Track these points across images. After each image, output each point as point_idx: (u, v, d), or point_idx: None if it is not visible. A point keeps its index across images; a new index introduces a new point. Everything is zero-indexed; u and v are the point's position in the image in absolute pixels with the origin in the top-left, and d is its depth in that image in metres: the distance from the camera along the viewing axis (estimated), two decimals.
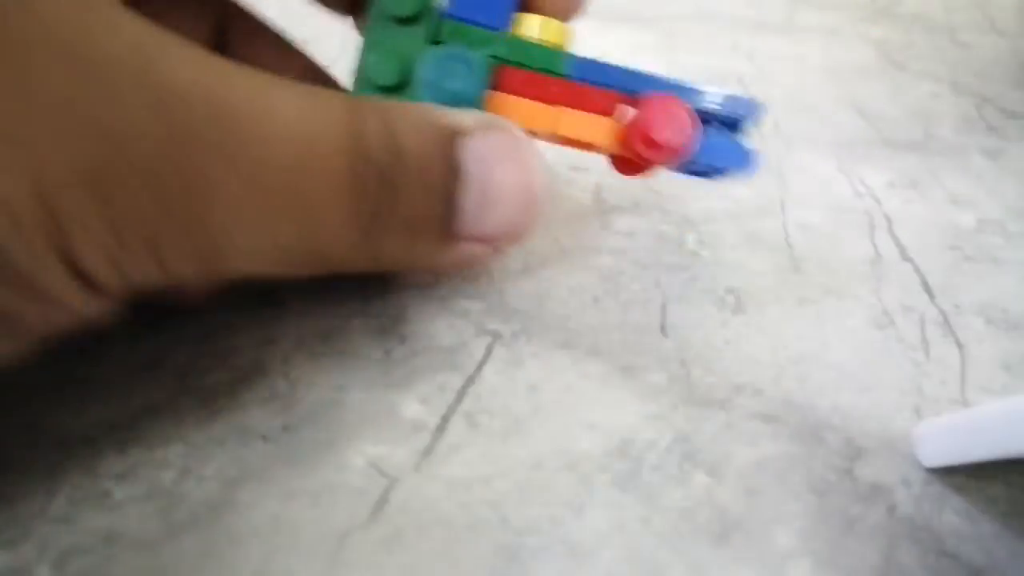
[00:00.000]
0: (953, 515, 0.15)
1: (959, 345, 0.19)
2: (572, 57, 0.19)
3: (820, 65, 0.34)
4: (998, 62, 0.35)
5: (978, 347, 0.19)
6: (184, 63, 0.13)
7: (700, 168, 0.20)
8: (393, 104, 0.16)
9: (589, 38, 0.36)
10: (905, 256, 0.22)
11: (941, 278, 0.21)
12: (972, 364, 0.18)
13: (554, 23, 0.19)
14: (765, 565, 0.14)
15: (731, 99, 0.20)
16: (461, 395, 0.17)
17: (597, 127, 0.20)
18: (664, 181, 0.25)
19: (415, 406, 0.17)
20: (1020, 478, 0.16)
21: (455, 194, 0.17)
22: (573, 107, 0.19)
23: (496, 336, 0.19)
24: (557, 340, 0.19)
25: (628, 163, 0.21)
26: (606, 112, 0.19)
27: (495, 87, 0.19)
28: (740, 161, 0.20)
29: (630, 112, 0.20)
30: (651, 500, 0.15)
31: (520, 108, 0.19)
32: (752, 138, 0.21)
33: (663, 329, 0.19)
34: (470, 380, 0.17)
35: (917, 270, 0.21)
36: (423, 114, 0.17)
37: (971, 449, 0.15)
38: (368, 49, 0.19)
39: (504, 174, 0.17)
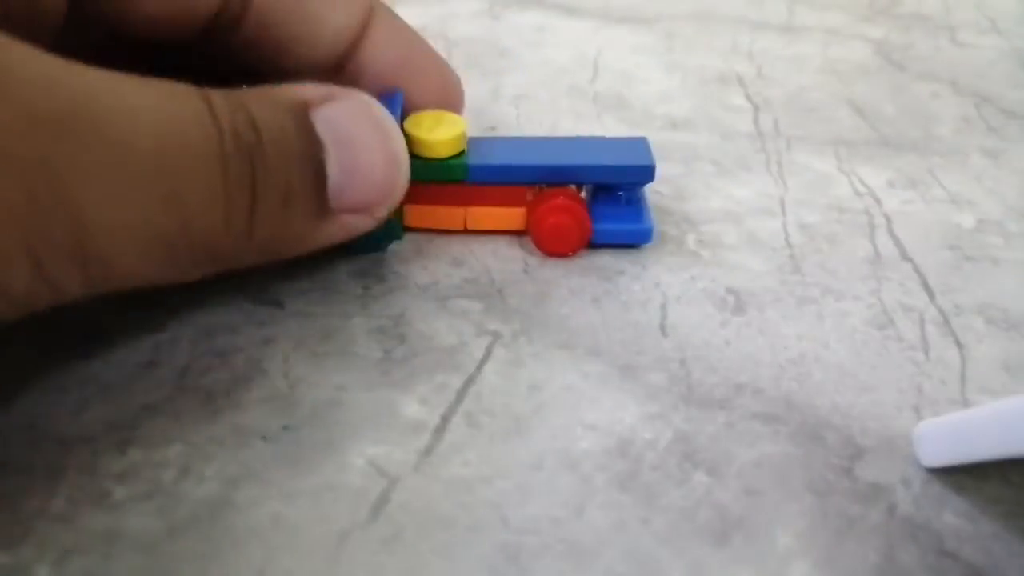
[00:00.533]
0: (953, 515, 0.15)
1: (959, 345, 0.19)
2: (470, 167, 0.21)
3: (820, 65, 0.34)
4: (998, 62, 0.35)
5: (978, 347, 0.19)
6: (33, 58, 0.13)
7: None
8: (240, 89, 0.16)
9: (590, 37, 0.36)
10: (905, 256, 0.22)
11: (941, 278, 0.21)
12: (972, 364, 0.18)
13: (444, 122, 0.21)
14: (765, 565, 0.14)
15: (625, 170, 0.21)
16: (461, 395, 0.17)
17: (505, 219, 0.22)
18: (664, 182, 0.25)
19: (415, 406, 0.17)
20: (1020, 478, 0.16)
21: (323, 162, 0.17)
22: (480, 204, 0.21)
23: (496, 336, 0.19)
24: (557, 340, 0.19)
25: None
26: (513, 203, 0.22)
27: (406, 201, 0.21)
28: (632, 239, 0.22)
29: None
30: (651, 500, 0.15)
31: (432, 215, 0.22)
32: (651, 210, 0.22)
33: (663, 329, 0.19)
34: (470, 380, 0.17)
35: (917, 270, 0.21)
36: (270, 92, 0.17)
37: (971, 449, 0.15)
38: None
39: (359, 136, 0.17)
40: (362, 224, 0.18)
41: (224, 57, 0.20)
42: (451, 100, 0.23)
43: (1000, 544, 0.14)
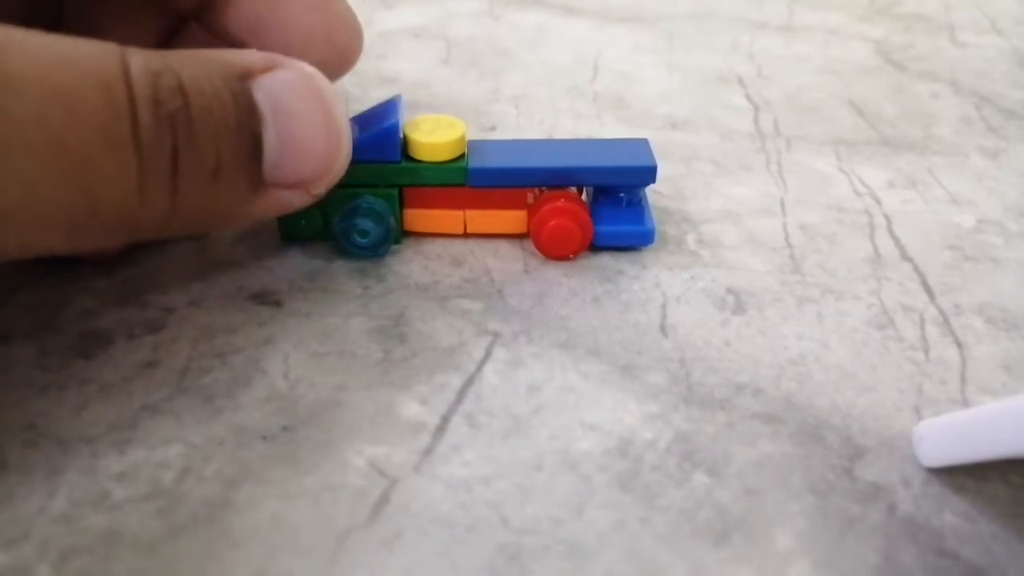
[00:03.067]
0: (953, 515, 0.15)
1: (959, 345, 0.19)
2: (470, 170, 0.21)
3: (820, 65, 0.34)
4: (998, 62, 0.35)
5: (978, 347, 0.19)
6: None
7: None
8: (168, 51, 0.15)
9: (590, 37, 0.36)
10: (905, 256, 0.22)
11: (941, 278, 0.21)
12: (972, 364, 0.18)
13: (443, 125, 0.21)
14: (765, 565, 0.14)
15: (626, 171, 0.21)
16: (461, 395, 0.17)
17: (506, 222, 0.22)
18: (664, 182, 0.25)
19: (415, 406, 0.17)
20: (1020, 478, 0.16)
21: (260, 134, 0.16)
22: (480, 207, 0.21)
23: (496, 336, 0.19)
24: (557, 340, 0.19)
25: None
26: (514, 206, 0.21)
27: (407, 205, 0.21)
28: (633, 241, 0.22)
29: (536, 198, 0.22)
30: (651, 500, 0.15)
31: (432, 219, 0.22)
32: (653, 210, 0.22)
33: (663, 329, 0.19)
34: (470, 380, 0.17)
35: (917, 270, 0.21)
36: (208, 55, 0.16)
37: (971, 449, 0.15)
38: None
39: (300, 109, 0.16)
40: (297, 200, 0.17)
41: None
42: (337, 36, 0.21)
43: (1000, 544, 0.14)
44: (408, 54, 0.34)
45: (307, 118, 0.17)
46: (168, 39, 0.22)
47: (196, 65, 0.15)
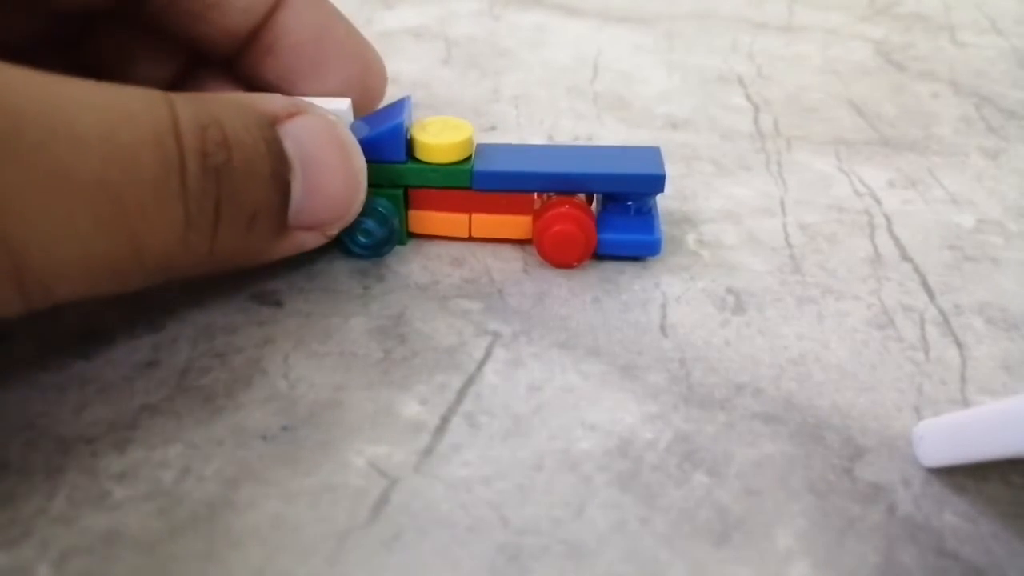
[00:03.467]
0: (953, 515, 0.15)
1: (959, 345, 0.19)
2: (475, 173, 0.21)
3: (820, 65, 0.34)
4: (998, 62, 0.35)
5: (978, 347, 0.19)
6: None
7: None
8: (208, 97, 0.15)
9: (590, 37, 0.36)
10: (905, 256, 0.22)
11: (941, 278, 0.21)
12: (972, 364, 0.18)
13: (450, 127, 0.21)
14: (765, 565, 0.14)
15: (633, 179, 0.21)
16: (461, 395, 0.17)
17: (511, 227, 0.21)
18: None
19: (415, 406, 0.17)
20: (1020, 478, 0.16)
21: (289, 182, 0.16)
22: (486, 211, 0.21)
23: (496, 336, 0.19)
24: (557, 340, 0.19)
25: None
26: (520, 211, 0.21)
27: (412, 207, 0.21)
28: (638, 251, 0.21)
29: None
30: (651, 500, 0.15)
31: (437, 221, 0.21)
32: (661, 221, 0.22)
33: (663, 329, 0.19)
34: (470, 380, 0.17)
35: (917, 270, 0.21)
36: (241, 101, 0.16)
37: (971, 449, 0.15)
38: None
39: (323, 156, 0.17)
40: (313, 241, 0.18)
41: (136, 19, 0.20)
42: (369, 81, 0.22)
43: (1000, 544, 0.14)
44: (408, 54, 0.34)
45: (329, 165, 0.17)
46: (188, 71, 0.22)
47: (236, 115, 0.15)
